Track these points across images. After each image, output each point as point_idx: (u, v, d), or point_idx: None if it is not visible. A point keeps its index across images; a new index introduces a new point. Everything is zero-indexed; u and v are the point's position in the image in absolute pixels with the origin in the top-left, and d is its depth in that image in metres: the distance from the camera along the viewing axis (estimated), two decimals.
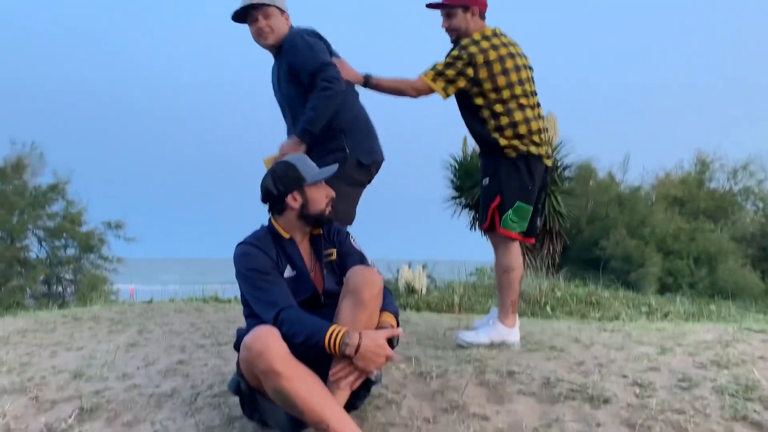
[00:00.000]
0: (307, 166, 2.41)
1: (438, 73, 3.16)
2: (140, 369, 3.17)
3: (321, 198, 2.39)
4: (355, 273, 2.21)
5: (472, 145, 9.40)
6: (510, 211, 3.19)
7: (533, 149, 3.19)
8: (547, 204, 9.24)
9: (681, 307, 6.77)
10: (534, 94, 3.29)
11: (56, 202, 10.01)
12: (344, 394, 2.11)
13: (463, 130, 3.48)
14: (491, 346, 3.17)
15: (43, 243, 9.83)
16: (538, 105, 3.31)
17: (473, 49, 3.14)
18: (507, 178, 3.21)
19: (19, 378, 3.12)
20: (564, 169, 9.82)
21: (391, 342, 2.14)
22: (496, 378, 2.63)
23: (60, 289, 9.63)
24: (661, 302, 7.04)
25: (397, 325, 2.22)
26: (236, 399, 2.46)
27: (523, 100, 3.20)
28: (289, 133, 3.18)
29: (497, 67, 3.15)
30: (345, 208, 3.04)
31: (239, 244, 2.34)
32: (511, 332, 3.23)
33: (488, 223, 3.25)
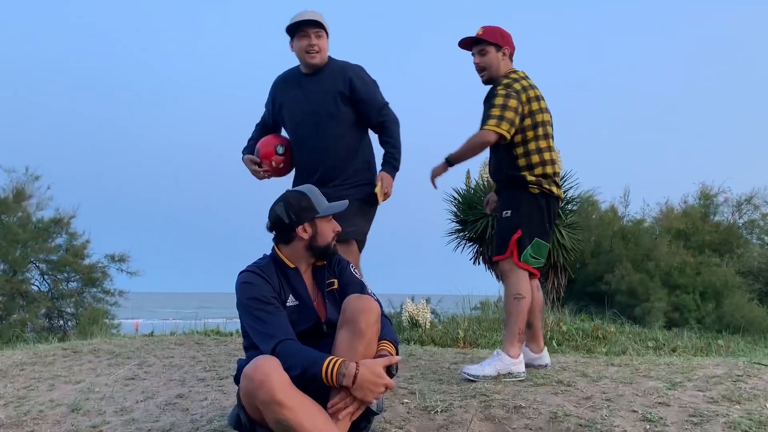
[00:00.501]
0: (319, 199, 2.41)
1: (500, 119, 3.17)
2: (139, 403, 3.12)
3: (329, 231, 2.40)
4: (351, 301, 2.18)
5: (476, 178, 9.40)
6: (529, 247, 3.23)
7: (554, 190, 3.31)
8: (552, 238, 9.16)
9: (689, 341, 6.67)
10: (553, 137, 3.39)
11: (59, 235, 10.00)
12: (344, 425, 2.06)
13: (465, 163, 3.49)
14: (497, 379, 3.11)
15: (46, 276, 9.78)
16: (554, 148, 3.40)
17: (518, 86, 3.24)
18: (529, 213, 3.26)
19: (15, 412, 3.08)
20: (567, 202, 9.79)
21: (390, 370, 2.10)
22: (502, 413, 2.57)
23: (61, 322, 9.55)
24: (668, 337, 6.94)
25: (396, 353, 2.18)
26: None
27: (550, 141, 3.33)
28: (307, 145, 3.35)
29: (535, 106, 3.27)
30: (366, 227, 3.38)
31: (242, 272, 2.32)
32: (517, 362, 3.18)
33: (508, 253, 3.25)
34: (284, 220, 2.34)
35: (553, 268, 9.41)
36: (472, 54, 3.39)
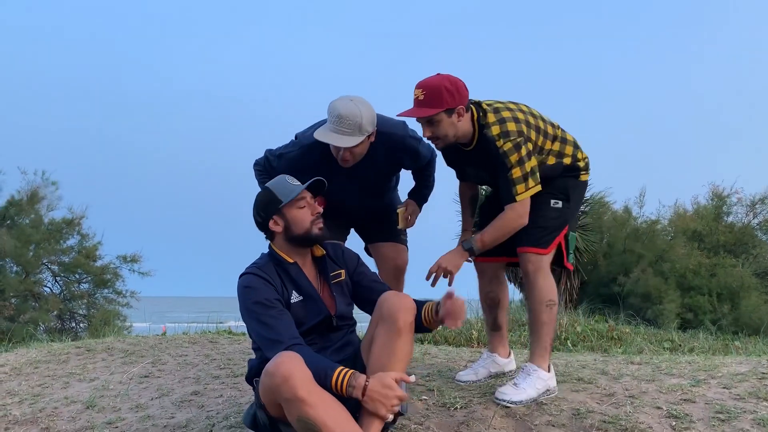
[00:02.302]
0: (284, 187, 2.30)
1: (525, 178, 2.64)
2: (154, 400, 3.09)
3: (304, 216, 2.28)
4: (388, 298, 2.14)
5: None
6: (568, 242, 2.85)
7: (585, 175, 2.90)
8: None
9: (705, 342, 6.59)
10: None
11: (71, 237, 10.03)
12: (376, 428, 2.00)
13: None
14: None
15: (58, 277, 9.81)
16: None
17: (523, 128, 2.68)
18: (575, 205, 2.87)
19: (30, 409, 3.06)
20: None
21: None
22: (523, 409, 2.52)
23: (73, 324, 9.57)
24: (684, 338, 6.87)
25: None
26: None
27: (564, 134, 2.85)
28: (354, 203, 3.09)
29: (539, 131, 2.75)
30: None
31: (242, 275, 2.26)
32: (552, 376, 2.74)
33: (551, 248, 2.78)
34: (258, 220, 2.33)
35: (566, 269, 9.35)
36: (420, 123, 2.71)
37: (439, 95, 2.57)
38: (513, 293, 9.46)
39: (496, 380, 3.01)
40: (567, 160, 2.82)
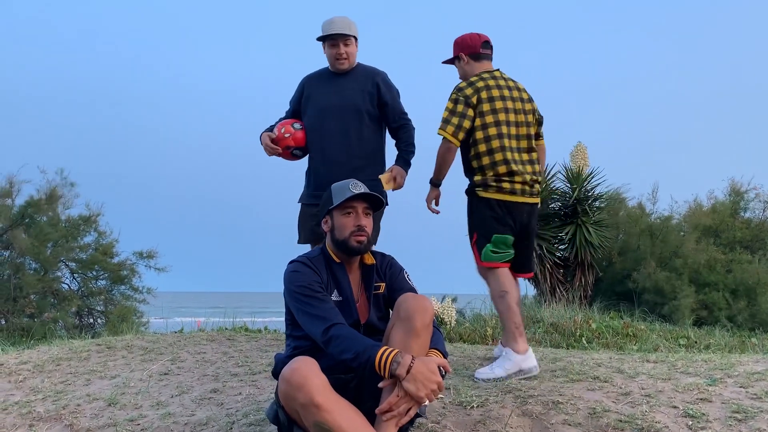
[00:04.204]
0: (342, 191, 2.34)
1: (445, 122, 3.24)
2: (174, 397, 3.14)
3: (345, 224, 2.31)
4: (406, 300, 2.16)
5: None
6: (488, 245, 3.24)
7: (506, 185, 3.22)
8: (578, 235, 9.11)
9: (721, 339, 6.55)
10: (526, 137, 3.31)
11: (88, 234, 10.12)
12: (391, 430, 2.03)
13: None
14: (519, 376, 3.06)
15: (76, 275, 9.91)
16: (528, 149, 3.33)
17: (469, 90, 3.25)
18: (480, 217, 3.28)
19: (54, 405, 3.12)
20: (594, 199, 9.69)
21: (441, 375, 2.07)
22: (539, 408, 2.54)
23: (91, 320, 9.66)
24: (699, 335, 6.82)
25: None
26: (273, 428, 2.41)
27: (505, 141, 3.23)
28: (329, 135, 3.60)
29: (487, 107, 3.23)
30: (376, 233, 3.50)
31: (291, 262, 2.32)
32: (525, 358, 3.11)
33: (475, 257, 3.34)
34: (319, 214, 2.42)
35: (581, 266, 9.33)
36: None
37: (454, 47, 3.48)
38: (525, 289, 9.46)
39: (512, 379, 3.05)
40: (474, 163, 3.28)
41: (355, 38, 3.64)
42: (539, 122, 3.47)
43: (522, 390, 2.80)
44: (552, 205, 9.57)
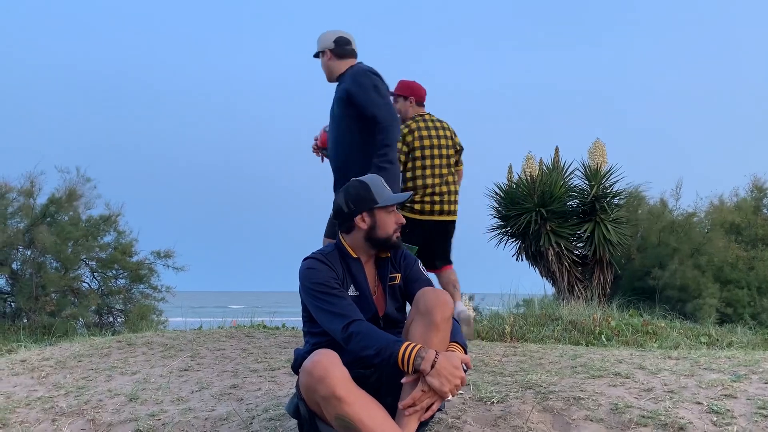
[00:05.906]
0: (381, 189, 2.37)
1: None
2: (194, 393, 3.16)
3: (390, 223, 2.35)
4: (425, 294, 2.14)
5: (518, 172, 9.30)
6: None
7: (416, 207, 4.36)
8: (597, 233, 9.01)
9: (743, 337, 6.45)
10: (446, 166, 4.41)
11: (108, 233, 10.24)
12: (413, 425, 2.02)
13: (507, 158, 3.85)
14: (549, 371, 3.04)
15: (95, 273, 10.03)
16: (445, 176, 4.40)
17: (405, 129, 4.40)
18: (409, 235, 3.93)
19: (76, 401, 3.15)
20: (613, 197, 9.59)
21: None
22: (560, 404, 2.52)
23: (111, 318, 9.78)
24: (721, 333, 6.72)
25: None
26: (293, 422, 2.42)
27: (427, 171, 4.36)
28: (329, 142, 3.79)
29: (416, 143, 4.38)
30: None
31: (306, 258, 2.32)
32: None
33: None
34: (344, 209, 2.34)
35: (599, 263, 9.23)
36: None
37: (401, 87, 4.58)
38: (544, 287, 9.39)
39: (533, 375, 3.02)
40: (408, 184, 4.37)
41: (324, 51, 3.76)
42: (459, 152, 4.56)
43: (543, 386, 2.78)
44: (570, 203, 9.48)
